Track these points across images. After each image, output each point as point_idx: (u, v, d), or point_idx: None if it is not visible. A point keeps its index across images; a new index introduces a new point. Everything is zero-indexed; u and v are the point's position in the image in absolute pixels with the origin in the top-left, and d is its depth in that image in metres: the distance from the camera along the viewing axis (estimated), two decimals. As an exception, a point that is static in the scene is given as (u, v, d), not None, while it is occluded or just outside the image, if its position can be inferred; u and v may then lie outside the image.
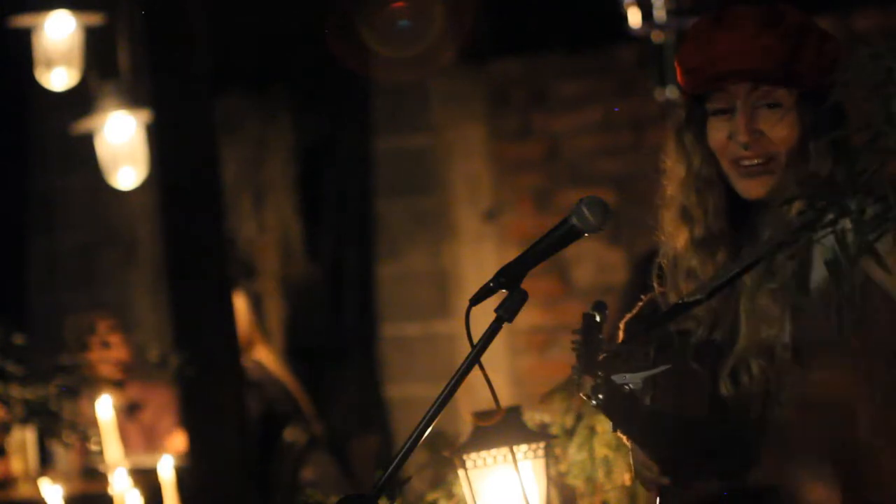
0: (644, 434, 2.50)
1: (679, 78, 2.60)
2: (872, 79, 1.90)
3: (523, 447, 2.94)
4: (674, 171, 2.62)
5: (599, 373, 2.35)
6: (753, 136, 2.49)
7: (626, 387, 2.45)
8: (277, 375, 6.75)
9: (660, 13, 5.78)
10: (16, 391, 4.48)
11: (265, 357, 6.75)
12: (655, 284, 2.63)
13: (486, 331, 2.40)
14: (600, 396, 2.35)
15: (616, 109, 6.99)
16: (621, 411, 2.42)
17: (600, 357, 2.38)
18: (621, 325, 2.67)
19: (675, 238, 2.61)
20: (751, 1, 2.56)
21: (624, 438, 2.61)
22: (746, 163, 2.51)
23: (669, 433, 2.48)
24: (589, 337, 2.39)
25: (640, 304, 2.68)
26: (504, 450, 2.92)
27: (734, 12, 2.54)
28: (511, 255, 2.50)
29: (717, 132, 2.54)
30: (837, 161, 2.45)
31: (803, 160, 2.48)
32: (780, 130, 2.49)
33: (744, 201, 2.56)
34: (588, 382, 2.36)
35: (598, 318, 2.41)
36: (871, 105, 1.91)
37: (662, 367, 2.48)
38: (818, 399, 2.43)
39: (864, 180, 1.91)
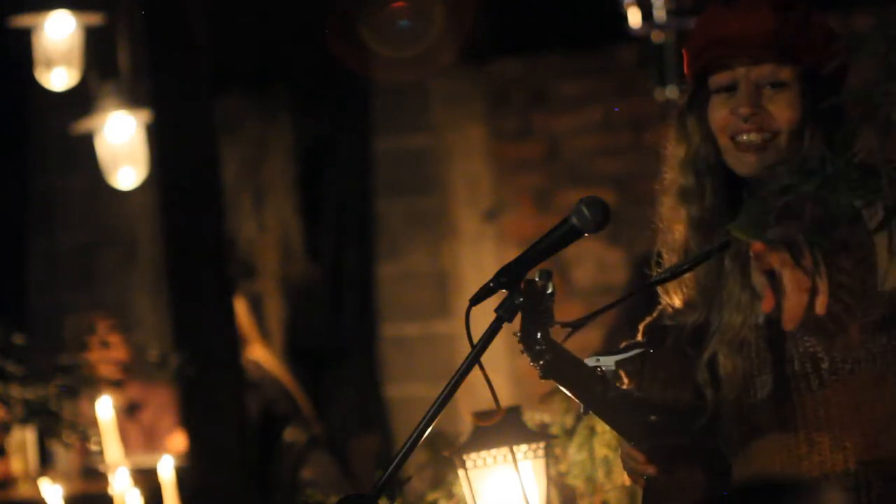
0: (616, 417, 2.51)
1: (686, 65, 2.63)
2: (878, 49, 1.90)
3: (523, 447, 2.94)
4: (674, 154, 2.63)
5: (541, 338, 2.35)
6: (755, 110, 2.51)
7: (599, 370, 2.47)
8: (276, 375, 6.75)
9: (660, 13, 5.78)
10: (16, 391, 4.48)
11: (263, 357, 6.75)
12: (654, 273, 2.64)
13: (486, 331, 2.40)
14: (541, 362, 2.37)
15: (616, 109, 6.99)
16: (567, 379, 2.43)
17: (546, 324, 2.39)
18: (641, 328, 2.68)
19: (674, 221, 2.62)
20: None
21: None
22: (745, 137, 2.52)
23: (645, 419, 2.49)
24: (531, 303, 2.39)
25: (660, 307, 2.68)
26: (504, 450, 2.92)
27: (743, 1, 2.57)
28: (511, 255, 2.50)
29: (719, 109, 2.56)
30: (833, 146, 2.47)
31: (800, 143, 2.50)
32: (782, 110, 2.51)
33: (742, 183, 2.56)
34: (531, 348, 2.38)
35: (544, 286, 2.41)
36: (875, 75, 1.91)
37: (636, 351, 2.50)
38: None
39: (858, 151, 1.91)
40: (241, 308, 6.52)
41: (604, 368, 2.48)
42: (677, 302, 2.63)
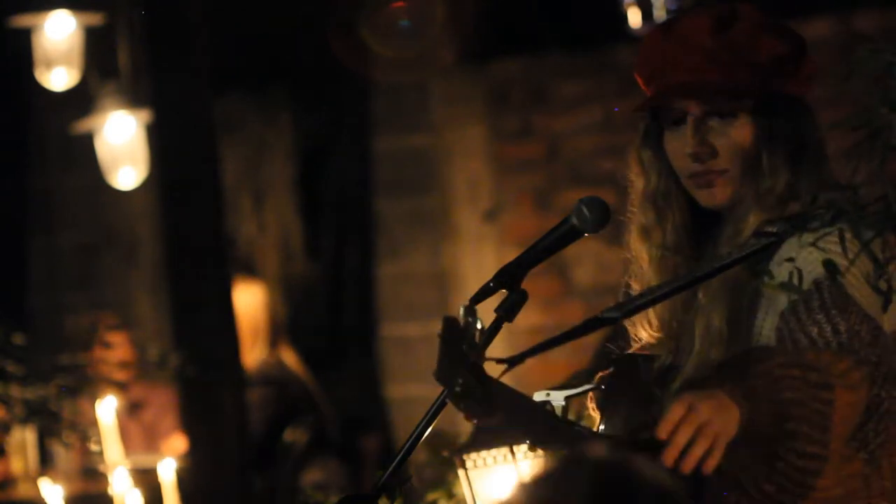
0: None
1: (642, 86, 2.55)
2: (872, 73, 1.89)
3: (523, 447, 2.93)
4: (634, 188, 2.58)
5: (462, 380, 2.23)
6: (703, 149, 2.44)
7: (548, 405, 2.41)
8: (298, 373, 6.74)
9: (660, 13, 5.78)
10: (16, 391, 4.48)
11: (287, 356, 6.74)
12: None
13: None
14: (461, 405, 2.26)
15: (616, 109, 6.98)
16: (506, 416, 2.33)
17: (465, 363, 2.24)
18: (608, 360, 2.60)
19: (638, 255, 2.57)
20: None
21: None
22: (699, 177, 2.46)
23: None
24: (448, 342, 2.24)
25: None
26: (504, 450, 2.92)
27: (685, 18, 2.48)
28: (511, 255, 2.50)
29: (672, 145, 2.50)
30: (794, 173, 2.40)
31: (760, 171, 2.42)
32: (730, 141, 2.44)
33: (707, 215, 2.50)
34: (450, 389, 2.25)
35: (467, 323, 2.26)
36: (871, 99, 1.90)
37: (585, 387, 2.44)
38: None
39: (863, 179, 1.91)
40: (260, 303, 6.57)
41: (553, 404, 2.43)
42: (644, 336, 2.56)
